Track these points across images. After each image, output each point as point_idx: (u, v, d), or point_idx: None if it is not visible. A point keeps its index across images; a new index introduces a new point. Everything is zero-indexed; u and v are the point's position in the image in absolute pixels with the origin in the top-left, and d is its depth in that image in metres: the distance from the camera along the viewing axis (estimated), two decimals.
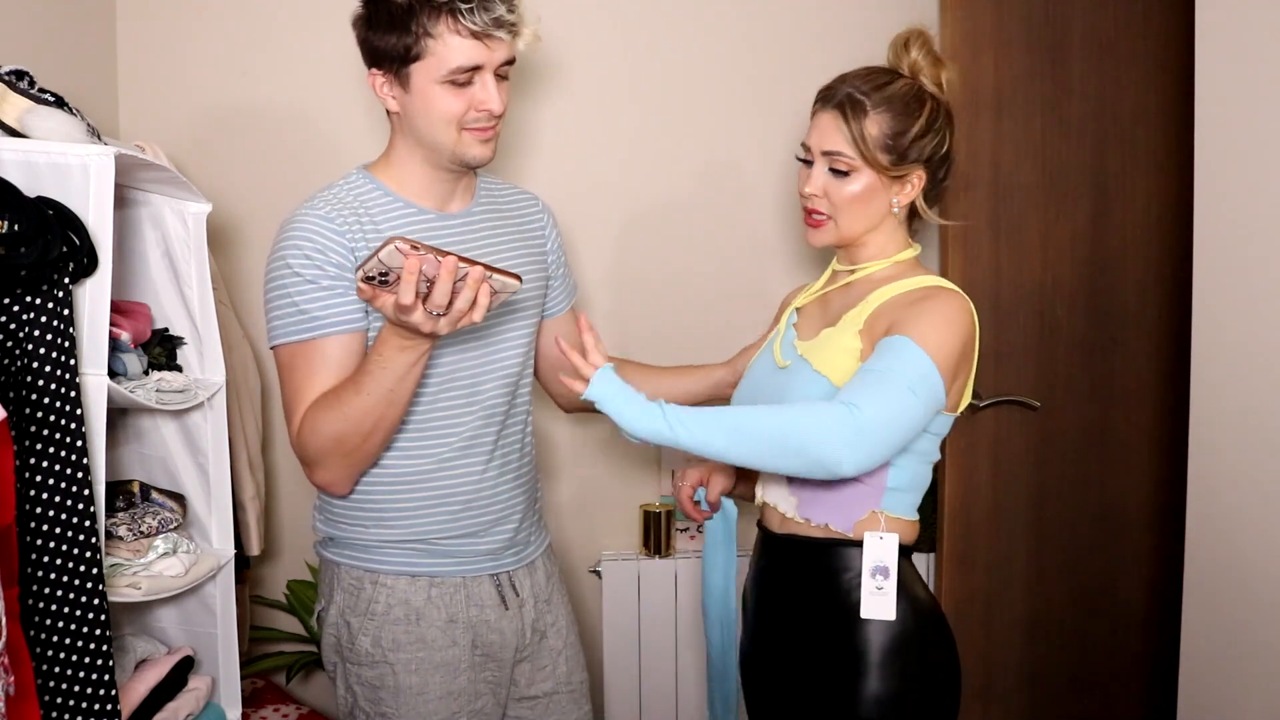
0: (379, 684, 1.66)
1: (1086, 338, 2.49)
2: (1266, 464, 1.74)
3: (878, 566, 1.52)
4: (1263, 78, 1.73)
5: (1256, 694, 1.77)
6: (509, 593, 1.72)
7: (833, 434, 1.38)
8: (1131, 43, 2.44)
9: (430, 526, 1.66)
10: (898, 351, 1.45)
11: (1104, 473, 2.53)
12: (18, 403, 1.46)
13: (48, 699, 1.50)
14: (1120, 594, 2.56)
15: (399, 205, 1.63)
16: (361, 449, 1.55)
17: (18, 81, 1.66)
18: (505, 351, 1.70)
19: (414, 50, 1.53)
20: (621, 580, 2.53)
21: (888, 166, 1.56)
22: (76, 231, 1.53)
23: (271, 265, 1.59)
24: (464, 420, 1.66)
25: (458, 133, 1.58)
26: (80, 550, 1.52)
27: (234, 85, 2.39)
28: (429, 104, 1.56)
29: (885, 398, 1.41)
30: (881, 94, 1.56)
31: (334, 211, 1.58)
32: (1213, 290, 1.85)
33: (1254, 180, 1.76)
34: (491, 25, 1.52)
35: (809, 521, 1.58)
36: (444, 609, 1.67)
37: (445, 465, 1.65)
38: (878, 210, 1.59)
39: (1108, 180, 2.47)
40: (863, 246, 1.62)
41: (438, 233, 1.64)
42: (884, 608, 1.52)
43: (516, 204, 1.81)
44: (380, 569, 1.67)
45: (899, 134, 1.55)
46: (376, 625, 1.66)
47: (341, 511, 1.68)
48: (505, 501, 1.71)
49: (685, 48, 2.50)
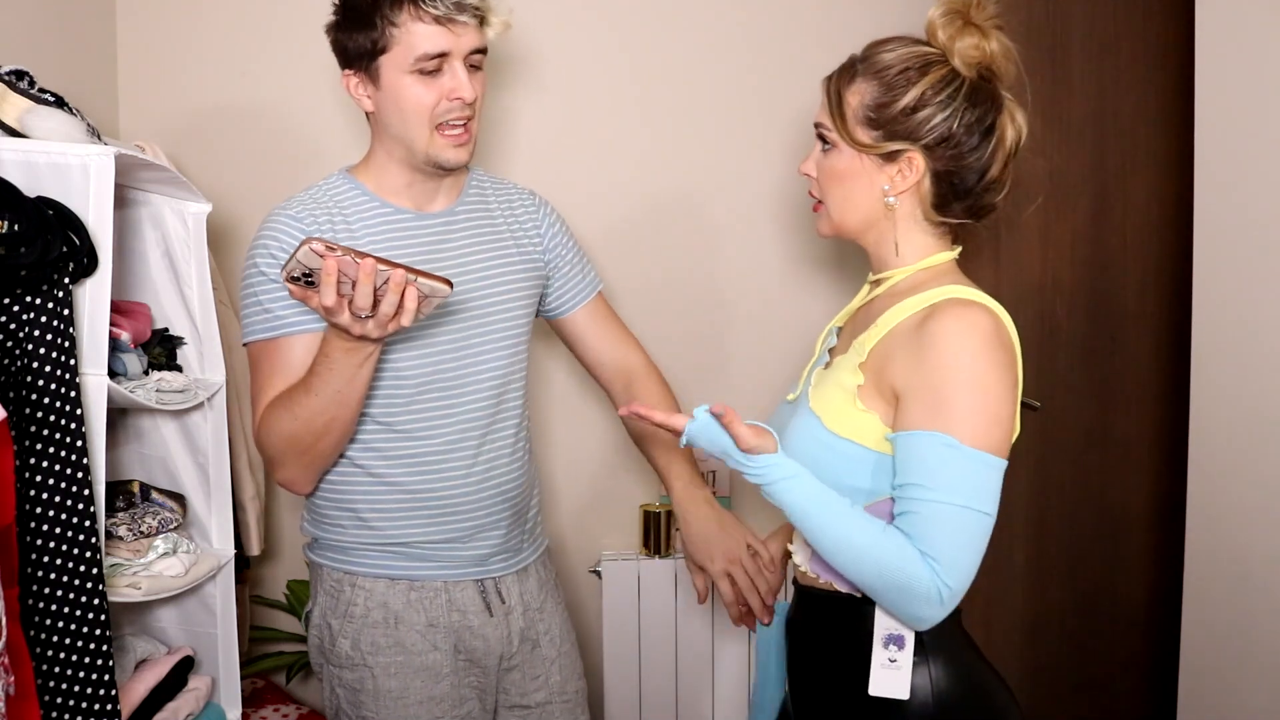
0: (359, 687, 1.64)
1: (1086, 338, 2.49)
2: (1266, 464, 1.74)
3: (891, 635, 1.30)
4: (1263, 78, 1.73)
5: (1256, 694, 1.77)
6: (494, 599, 1.69)
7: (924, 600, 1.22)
8: (1131, 43, 2.44)
9: (410, 530, 1.64)
10: (946, 467, 1.22)
11: (1104, 473, 2.53)
12: (18, 403, 1.46)
13: (48, 699, 1.50)
14: (1120, 594, 2.56)
15: (375, 205, 1.62)
16: (315, 448, 1.54)
17: (18, 81, 1.66)
18: (486, 356, 1.66)
19: (380, 42, 1.53)
20: (621, 580, 2.52)
21: (867, 143, 1.33)
22: (76, 231, 1.53)
23: (244, 265, 1.60)
24: (443, 424, 1.63)
25: (430, 131, 1.57)
26: (80, 550, 1.52)
27: (234, 85, 2.39)
28: (400, 96, 1.55)
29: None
30: (877, 59, 1.34)
31: (304, 212, 1.59)
32: (1213, 290, 1.85)
33: (1254, 180, 1.76)
34: (454, 10, 1.52)
35: (818, 578, 1.39)
36: (423, 613, 1.64)
37: (425, 469, 1.63)
38: (866, 197, 1.36)
39: (1108, 180, 2.47)
40: (881, 248, 1.39)
41: (414, 232, 1.63)
42: (896, 684, 1.29)
43: (509, 202, 1.77)
44: (359, 571, 1.65)
45: (882, 105, 1.32)
46: (355, 628, 1.64)
47: (323, 512, 1.67)
48: (490, 508, 1.67)
49: (681, 48, 2.50)
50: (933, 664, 1.31)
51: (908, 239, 1.37)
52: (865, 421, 1.30)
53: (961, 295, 1.30)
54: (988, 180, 1.35)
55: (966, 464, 1.21)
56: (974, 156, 1.33)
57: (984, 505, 1.22)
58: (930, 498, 1.22)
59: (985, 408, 1.23)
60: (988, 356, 1.24)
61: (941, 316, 1.26)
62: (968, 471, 1.22)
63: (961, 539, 1.22)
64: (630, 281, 2.49)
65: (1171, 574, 2.20)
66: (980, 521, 1.22)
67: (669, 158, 2.52)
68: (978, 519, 1.22)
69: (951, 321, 1.25)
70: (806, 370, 1.45)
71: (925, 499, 1.22)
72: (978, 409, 1.23)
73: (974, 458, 1.22)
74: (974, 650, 1.37)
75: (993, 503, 1.23)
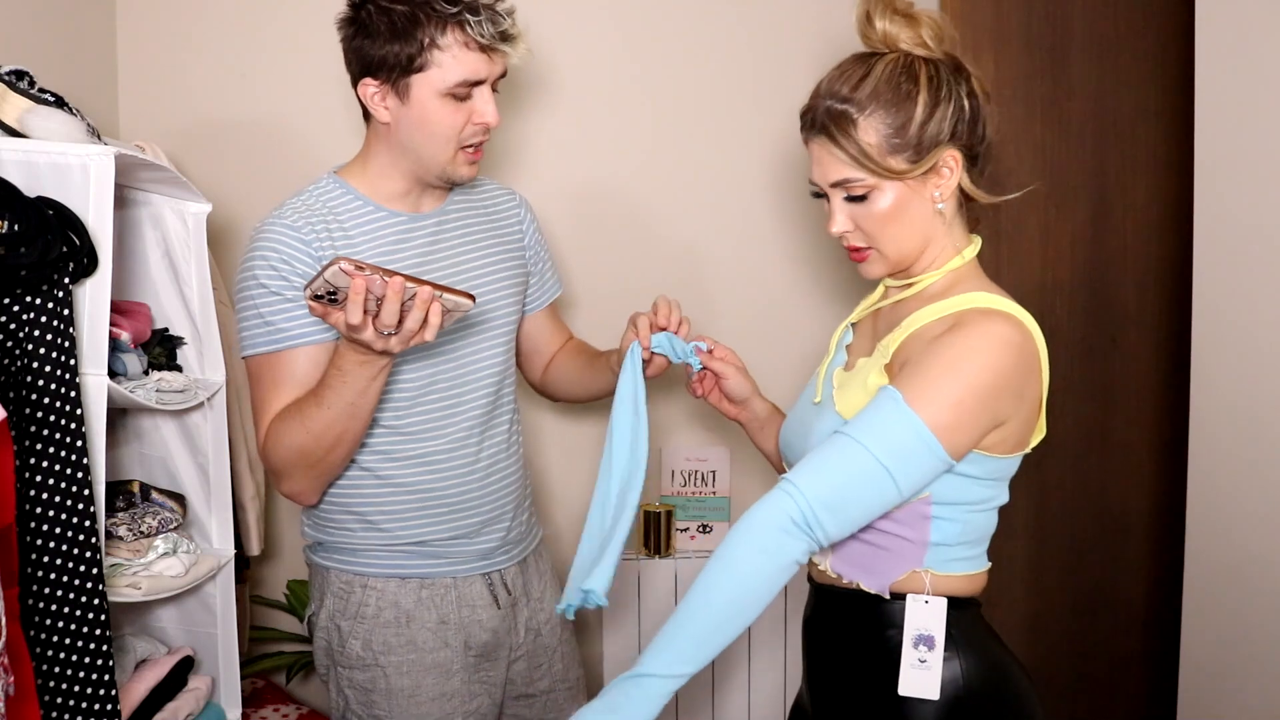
0: (370, 687, 1.65)
1: (1086, 338, 2.50)
2: (1266, 464, 1.74)
3: (921, 635, 1.29)
4: (1263, 78, 1.73)
5: (1256, 694, 1.77)
6: (500, 591, 1.71)
7: (769, 526, 1.20)
8: (1131, 43, 2.44)
9: (421, 529, 1.65)
10: (876, 411, 1.23)
11: (1104, 473, 2.53)
12: (18, 403, 1.46)
13: (48, 699, 1.50)
14: (1120, 594, 2.56)
15: (369, 209, 1.61)
16: (325, 461, 1.54)
17: (18, 81, 1.66)
18: (484, 356, 1.68)
19: (418, 61, 1.50)
20: (621, 580, 2.52)
21: (908, 168, 1.30)
22: (76, 231, 1.53)
23: (240, 276, 1.57)
24: (448, 423, 1.64)
25: (454, 151, 1.57)
26: (80, 550, 1.52)
27: (234, 85, 2.39)
28: (427, 117, 1.53)
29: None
30: (863, 90, 1.30)
31: (301, 220, 1.56)
32: (1213, 290, 1.85)
33: (1254, 180, 1.76)
34: (498, 38, 1.51)
35: (840, 577, 1.36)
36: (435, 610, 1.66)
37: (433, 468, 1.64)
38: (921, 217, 1.33)
39: (1108, 180, 2.47)
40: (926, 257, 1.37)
41: (409, 234, 1.63)
42: (927, 684, 1.28)
43: (494, 200, 1.77)
44: (370, 572, 1.66)
45: (903, 126, 1.29)
46: (367, 629, 1.65)
47: (328, 515, 1.67)
48: (495, 503, 1.70)
49: (679, 48, 2.50)
50: (962, 657, 1.29)
51: (944, 240, 1.36)
52: None
53: (988, 305, 1.29)
54: (989, 139, 1.35)
55: (898, 420, 1.21)
56: (981, 122, 1.33)
57: (890, 462, 1.20)
58: (842, 429, 1.24)
59: (953, 392, 1.22)
60: (990, 366, 1.23)
61: (967, 329, 1.25)
62: (894, 428, 1.21)
63: (842, 468, 1.21)
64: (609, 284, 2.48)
65: (1171, 574, 2.20)
66: (870, 465, 1.20)
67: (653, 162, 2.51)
68: (869, 462, 1.20)
69: (976, 337, 1.25)
70: (824, 370, 1.43)
71: (839, 431, 1.24)
72: (945, 388, 1.22)
73: (909, 420, 1.20)
74: (996, 639, 1.36)
75: (905, 468, 1.21)
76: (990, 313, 1.27)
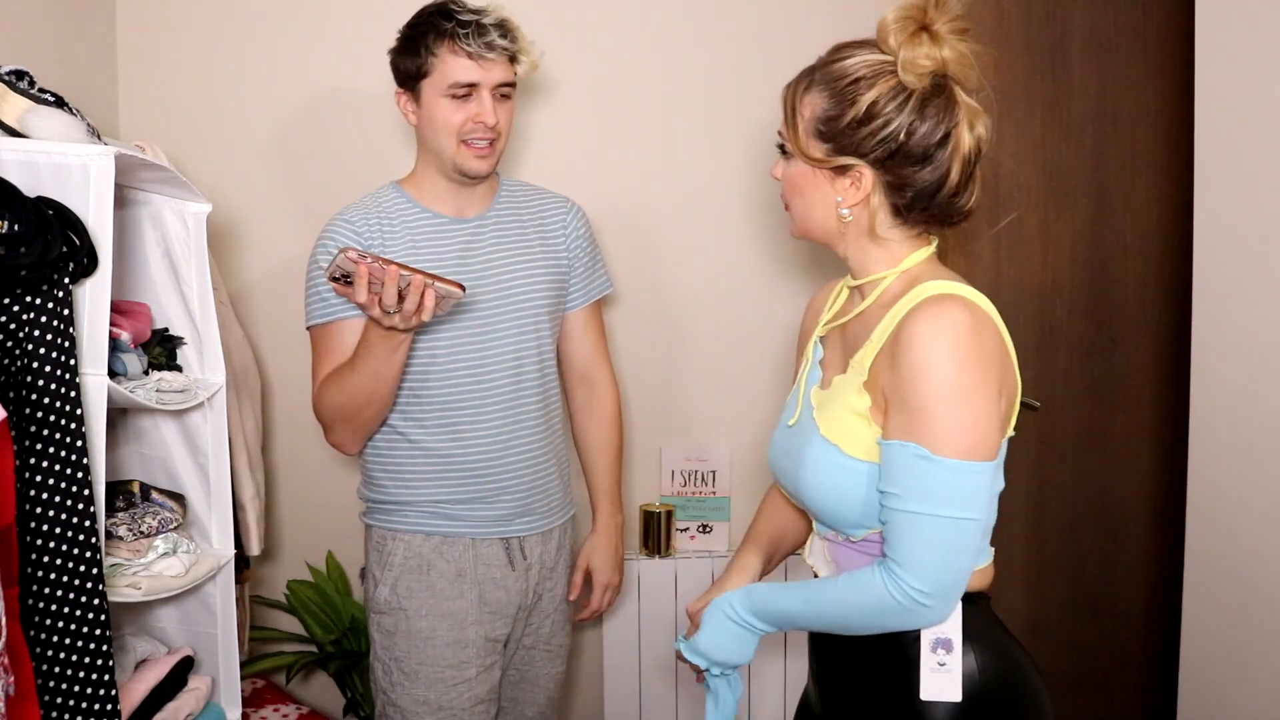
0: (394, 630, 1.89)
1: (1086, 338, 2.50)
2: (1266, 464, 1.74)
3: (938, 639, 1.29)
4: (1263, 78, 1.73)
5: (1256, 694, 1.77)
6: (517, 555, 1.93)
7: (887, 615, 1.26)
8: (1131, 43, 2.44)
9: (441, 491, 1.88)
10: (913, 476, 1.22)
11: (1104, 473, 2.54)
12: (18, 403, 1.46)
13: (48, 699, 1.50)
14: (1120, 594, 2.56)
15: (417, 211, 1.90)
16: (360, 417, 1.83)
17: (18, 81, 1.66)
18: (502, 339, 1.90)
19: (423, 68, 1.83)
20: None
21: (818, 157, 1.30)
22: (76, 231, 1.53)
23: (309, 262, 1.89)
24: (471, 396, 1.87)
25: (457, 144, 1.84)
26: (80, 550, 1.52)
27: (234, 85, 2.39)
28: (434, 115, 1.84)
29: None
30: (829, 68, 1.30)
31: (358, 216, 1.88)
32: (1213, 290, 1.85)
33: (1254, 180, 1.76)
34: (484, 48, 1.80)
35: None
36: (453, 563, 1.89)
37: (455, 436, 1.87)
38: (822, 209, 1.33)
39: (1108, 180, 2.47)
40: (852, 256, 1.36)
41: (449, 235, 1.90)
42: (947, 687, 1.28)
43: (541, 206, 2.01)
44: (399, 528, 1.91)
45: (832, 118, 1.28)
46: (394, 575, 1.89)
47: (372, 476, 1.93)
48: (514, 470, 1.90)
49: (675, 49, 2.50)
50: (977, 652, 1.30)
51: (879, 247, 1.33)
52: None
53: (935, 290, 1.26)
54: (948, 189, 1.29)
55: (941, 474, 1.20)
56: (927, 168, 1.28)
57: (962, 511, 1.21)
58: (901, 507, 1.22)
59: (961, 412, 1.20)
60: (962, 356, 1.20)
61: (914, 319, 1.23)
62: (943, 481, 1.20)
63: (930, 541, 1.21)
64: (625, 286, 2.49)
65: (1171, 574, 2.20)
66: (956, 526, 1.21)
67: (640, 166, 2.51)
68: (952, 525, 1.21)
69: (924, 324, 1.21)
70: (800, 389, 1.41)
71: (897, 508, 1.23)
72: (953, 414, 1.20)
73: (948, 467, 1.20)
74: (1005, 630, 1.37)
75: (975, 505, 1.22)
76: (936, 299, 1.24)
